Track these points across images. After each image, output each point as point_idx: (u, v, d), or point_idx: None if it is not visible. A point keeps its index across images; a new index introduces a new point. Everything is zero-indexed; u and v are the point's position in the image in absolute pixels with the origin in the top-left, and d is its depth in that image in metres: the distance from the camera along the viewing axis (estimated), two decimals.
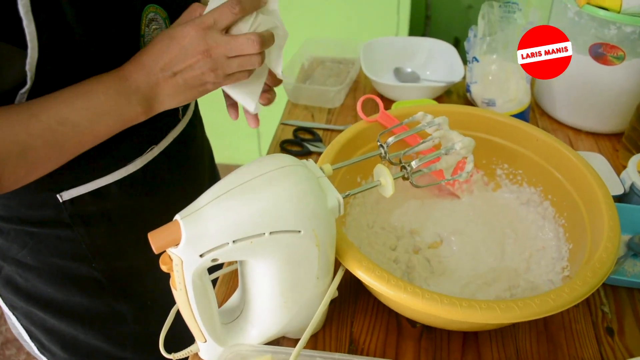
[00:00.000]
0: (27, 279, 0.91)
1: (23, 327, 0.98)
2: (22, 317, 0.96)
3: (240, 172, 0.63)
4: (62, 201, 0.82)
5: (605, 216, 0.77)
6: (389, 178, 0.67)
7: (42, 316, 0.95)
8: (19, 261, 0.89)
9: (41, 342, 0.99)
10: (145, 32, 0.77)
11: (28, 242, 0.86)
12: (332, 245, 0.68)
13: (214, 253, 0.60)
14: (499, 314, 0.64)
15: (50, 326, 0.96)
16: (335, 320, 0.83)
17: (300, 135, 1.23)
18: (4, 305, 0.96)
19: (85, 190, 0.83)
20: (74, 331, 0.97)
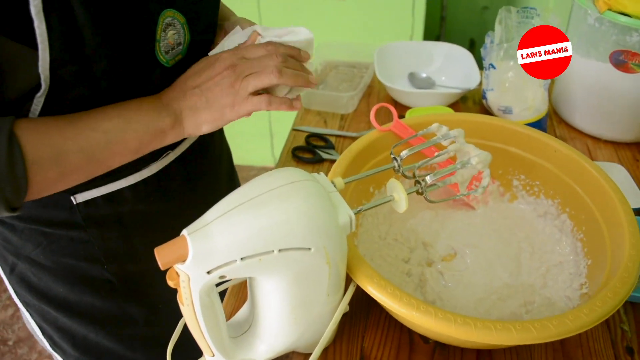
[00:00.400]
0: (40, 277, 0.91)
1: (36, 323, 0.98)
2: (35, 314, 0.96)
3: (249, 186, 0.61)
4: (76, 203, 0.82)
5: (627, 233, 0.74)
6: (403, 194, 0.66)
7: (54, 315, 0.95)
8: (32, 260, 0.89)
9: (53, 339, 0.99)
10: (160, 37, 0.76)
11: (42, 241, 0.86)
12: (343, 262, 0.66)
13: (222, 270, 0.59)
14: (515, 335, 0.62)
15: (62, 325, 0.96)
16: (346, 335, 0.82)
17: (313, 142, 1.21)
18: (19, 302, 0.96)
19: (99, 193, 0.83)
20: (85, 331, 0.96)
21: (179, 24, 0.78)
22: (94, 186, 0.82)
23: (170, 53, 0.78)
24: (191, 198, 0.97)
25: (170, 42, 0.77)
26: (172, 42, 0.77)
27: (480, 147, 0.93)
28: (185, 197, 0.96)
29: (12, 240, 0.88)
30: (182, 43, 0.79)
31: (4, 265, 0.92)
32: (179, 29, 0.78)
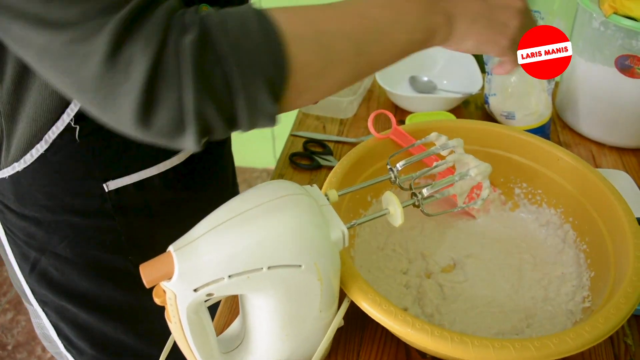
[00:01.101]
0: (63, 272, 0.90)
1: (52, 323, 0.97)
2: (53, 312, 0.95)
3: (238, 200, 0.59)
4: (108, 191, 0.82)
5: (631, 244, 0.72)
6: (398, 207, 0.63)
7: (73, 311, 0.94)
8: (57, 254, 0.88)
9: (69, 339, 0.98)
10: None
11: (69, 234, 0.86)
12: (336, 278, 0.64)
13: (209, 288, 0.57)
14: (514, 354, 0.60)
15: (81, 322, 0.95)
16: (342, 349, 0.79)
17: (311, 148, 1.19)
18: (35, 301, 0.95)
19: (131, 180, 0.83)
20: (104, 326, 0.96)
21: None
22: (126, 173, 0.82)
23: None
24: (211, 188, 0.99)
25: None
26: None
27: (481, 154, 0.92)
28: (207, 186, 0.97)
29: (37, 236, 0.86)
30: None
31: (23, 265, 0.91)
32: None
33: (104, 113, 0.54)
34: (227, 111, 0.54)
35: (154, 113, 0.52)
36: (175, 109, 0.52)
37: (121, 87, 0.51)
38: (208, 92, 0.52)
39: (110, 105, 0.52)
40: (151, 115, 0.52)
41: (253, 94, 0.54)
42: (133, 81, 0.50)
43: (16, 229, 0.86)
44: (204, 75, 0.51)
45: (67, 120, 0.72)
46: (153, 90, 0.51)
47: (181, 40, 0.51)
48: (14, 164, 0.77)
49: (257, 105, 0.54)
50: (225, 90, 0.53)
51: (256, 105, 0.54)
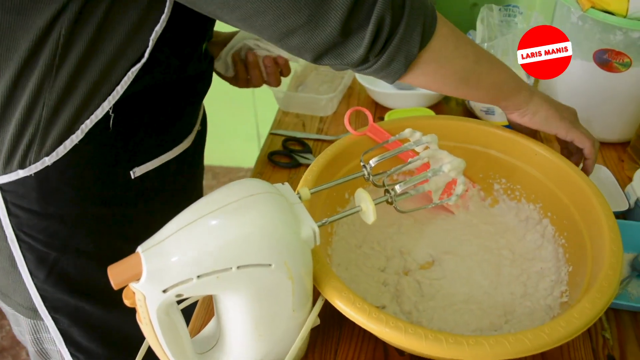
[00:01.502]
0: (84, 268, 0.90)
1: (61, 331, 0.95)
2: (65, 317, 0.94)
3: (207, 200, 0.59)
4: (134, 178, 0.86)
5: (607, 238, 0.72)
6: (370, 204, 0.63)
7: (89, 311, 0.94)
8: (79, 250, 0.88)
9: (78, 344, 0.97)
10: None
11: (92, 226, 0.87)
12: (308, 276, 0.63)
13: (178, 289, 0.56)
14: (488, 350, 0.60)
15: (95, 321, 0.95)
16: (319, 348, 0.79)
17: (290, 146, 1.18)
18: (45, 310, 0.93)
19: (153, 166, 0.87)
20: (120, 323, 0.96)
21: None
22: (149, 159, 0.86)
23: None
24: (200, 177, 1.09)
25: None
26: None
27: (459, 151, 0.92)
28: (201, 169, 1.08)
29: (60, 234, 0.86)
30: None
31: (38, 272, 0.89)
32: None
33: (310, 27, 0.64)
34: (393, 29, 0.66)
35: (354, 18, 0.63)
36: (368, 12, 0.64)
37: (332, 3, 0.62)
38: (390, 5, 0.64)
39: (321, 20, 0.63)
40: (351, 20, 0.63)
41: (412, 30, 0.67)
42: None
43: (35, 230, 0.84)
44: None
45: (107, 109, 0.75)
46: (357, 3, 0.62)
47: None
48: (45, 158, 0.76)
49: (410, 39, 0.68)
50: (399, 10, 0.65)
51: (410, 38, 0.67)
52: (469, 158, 0.90)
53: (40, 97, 0.70)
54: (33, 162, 0.76)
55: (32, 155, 0.76)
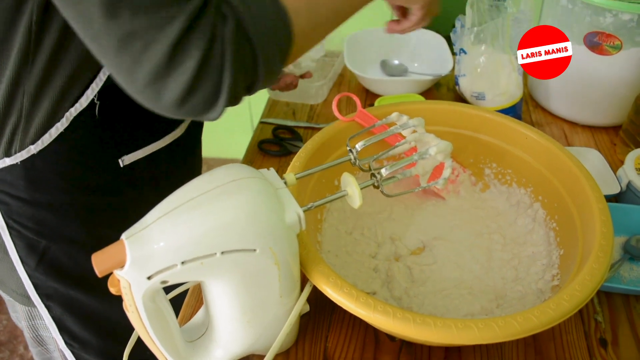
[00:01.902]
0: (75, 257, 0.89)
1: (54, 318, 0.95)
2: (58, 305, 0.94)
3: (191, 185, 0.58)
4: (123, 166, 0.85)
5: (598, 221, 0.71)
6: (356, 188, 0.62)
7: (81, 299, 0.93)
8: (69, 239, 0.87)
9: (72, 332, 0.97)
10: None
11: (82, 214, 0.86)
12: (295, 262, 0.63)
13: (162, 275, 0.55)
14: (477, 334, 0.59)
15: (88, 310, 0.95)
16: (309, 334, 0.78)
17: (280, 135, 1.17)
18: (37, 298, 0.93)
19: (143, 154, 0.86)
20: (112, 311, 0.95)
21: None
22: (139, 147, 0.85)
23: None
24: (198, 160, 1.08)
25: None
26: None
27: (449, 135, 0.91)
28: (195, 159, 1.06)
29: (49, 221, 0.85)
30: None
31: (29, 259, 0.88)
32: None
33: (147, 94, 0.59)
34: (251, 81, 0.63)
35: (195, 94, 0.59)
36: (214, 88, 0.59)
37: (174, 73, 0.56)
38: (241, 71, 0.60)
39: (159, 88, 0.57)
40: (192, 96, 0.59)
41: (271, 64, 0.63)
42: (186, 69, 0.56)
43: (25, 218, 0.84)
44: (239, 58, 0.59)
45: (91, 97, 0.74)
46: (200, 75, 0.57)
47: (224, 30, 0.58)
48: (30, 146, 0.75)
49: (272, 71, 0.64)
50: (252, 65, 0.61)
51: (272, 71, 0.64)
52: (459, 143, 0.90)
53: (19, 86, 0.69)
54: (18, 151, 0.76)
55: (17, 144, 0.75)
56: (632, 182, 0.94)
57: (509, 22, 1.10)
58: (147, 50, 0.54)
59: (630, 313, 0.81)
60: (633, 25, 1.02)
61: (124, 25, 0.53)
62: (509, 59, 1.12)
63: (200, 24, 0.56)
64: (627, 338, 0.78)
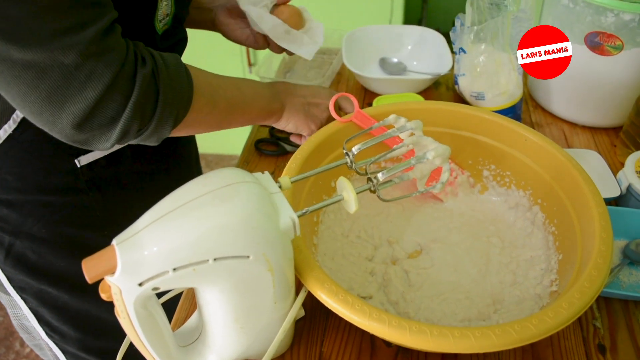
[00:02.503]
0: (40, 253, 0.89)
1: (31, 310, 0.95)
2: (32, 298, 0.94)
3: (183, 190, 0.57)
4: (80, 166, 0.84)
5: (597, 226, 0.70)
6: (352, 193, 0.61)
7: (54, 294, 0.93)
8: (32, 235, 0.87)
9: (50, 324, 0.97)
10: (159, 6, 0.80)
11: (43, 213, 0.86)
12: (289, 267, 0.62)
13: (154, 282, 0.54)
14: (474, 343, 0.58)
15: (62, 304, 0.94)
16: (305, 340, 0.77)
17: (277, 134, 1.16)
18: (12, 289, 0.93)
19: (101, 154, 0.85)
20: (87, 306, 0.95)
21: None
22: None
23: (162, 22, 0.83)
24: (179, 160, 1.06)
25: (163, 12, 0.82)
26: (165, 12, 0.81)
27: (448, 136, 0.90)
28: (173, 159, 1.02)
29: (10, 219, 0.85)
30: (169, 14, 0.83)
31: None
32: (169, 1, 0.82)
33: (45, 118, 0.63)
34: (142, 130, 0.68)
35: (92, 122, 0.63)
36: (110, 123, 0.64)
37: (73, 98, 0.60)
38: (139, 115, 0.66)
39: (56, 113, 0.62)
40: (89, 122, 0.63)
41: (164, 122, 0.70)
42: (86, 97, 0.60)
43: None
44: (141, 103, 0.65)
45: None
46: (101, 105, 0.62)
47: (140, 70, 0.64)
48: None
49: (162, 129, 0.71)
50: (149, 115, 0.67)
51: (161, 129, 0.70)
52: (458, 144, 0.89)
53: None
54: None
55: None
56: (633, 186, 0.93)
57: (509, 20, 1.09)
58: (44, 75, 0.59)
59: (630, 319, 0.80)
60: (634, 26, 1.01)
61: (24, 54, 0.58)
62: (509, 58, 1.11)
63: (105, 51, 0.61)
64: (626, 344, 0.77)
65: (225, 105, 0.82)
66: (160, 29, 0.83)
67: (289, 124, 0.98)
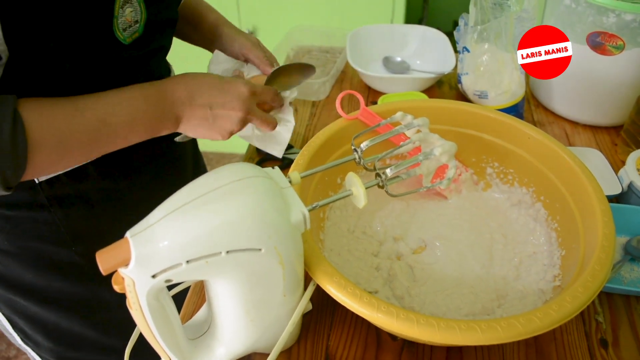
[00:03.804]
0: (7, 265, 0.88)
1: (5, 316, 0.95)
2: (4, 305, 0.94)
3: (196, 184, 0.58)
4: (39, 182, 0.80)
5: (600, 222, 0.71)
6: (361, 188, 0.62)
7: (23, 304, 0.92)
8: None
9: (25, 331, 0.97)
10: (118, 14, 0.73)
11: (4, 226, 0.84)
12: (299, 261, 0.63)
13: (167, 274, 0.55)
14: (480, 335, 0.59)
15: (32, 314, 0.93)
16: (311, 333, 0.78)
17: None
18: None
19: (63, 170, 0.81)
20: (57, 318, 0.94)
21: (136, 2, 0.76)
22: None
23: (128, 30, 0.76)
24: (157, 177, 0.97)
25: (127, 20, 0.76)
26: (129, 19, 0.76)
27: (452, 134, 0.91)
28: (151, 175, 0.96)
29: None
30: (139, 21, 0.78)
31: None
32: (135, 6, 0.77)
33: None
34: None
35: None
36: None
37: None
38: None
39: None
40: None
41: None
42: None
43: None
44: None
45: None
46: None
47: None
48: None
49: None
50: None
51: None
52: (461, 142, 0.90)
53: None
54: None
55: None
56: (634, 183, 0.94)
57: (512, 20, 1.10)
58: None
59: (631, 314, 0.82)
60: (636, 26, 1.02)
61: None
62: (512, 57, 1.12)
63: None
64: (628, 339, 0.78)
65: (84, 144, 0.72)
66: (127, 38, 0.77)
67: (192, 134, 0.85)
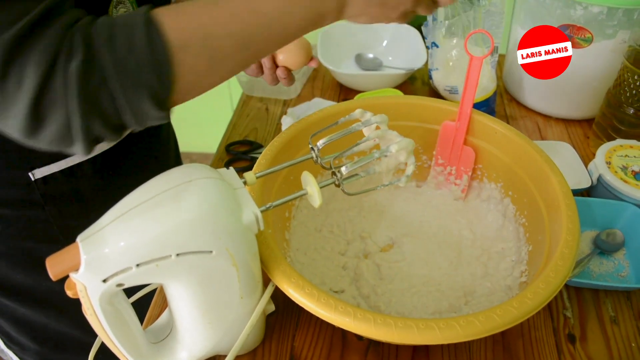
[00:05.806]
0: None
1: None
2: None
3: (147, 187, 0.57)
4: (34, 179, 0.80)
5: (564, 217, 0.71)
6: (315, 187, 0.61)
7: (11, 305, 0.92)
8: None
9: (9, 335, 0.96)
10: (112, 14, 0.72)
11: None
12: (255, 262, 0.62)
13: (118, 278, 0.54)
14: (438, 334, 0.58)
15: (20, 316, 0.93)
16: (276, 334, 0.78)
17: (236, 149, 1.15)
18: None
19: (58, 168, 0.81)
20: (45, 319, 0.94)
21: (128, 3, 0.76)
22: (53, 160, 0.80)
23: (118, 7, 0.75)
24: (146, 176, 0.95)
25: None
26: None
27: (419, 130, 0.91)
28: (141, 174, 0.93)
29: None
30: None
31: None
32: (128, 6, 0.76)
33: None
34: (115, 123, 0.57)
35: (42, 127, 0.54)
36: (63, 125, 0.54)
37: (12, 101, 0.51)
38: (95, 112, 0.54)
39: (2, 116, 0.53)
40: (39, 128, 0.54)
41: (138, 107, 0.56)
42: (22, 100, 0.51)
43: None
44: (89, 98, 0.53)
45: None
46: (40, 108, 0.52)
47: (68, 66, 0.51)
48: None
49: (143, 115, 0.57)
50: (111, 107, 0.55)
51: (142, 115, 0.57)
52: (430, 138, 0.90)
53: None
54: None
55: None
56: (603, 176, 0.94)
57: (480, 14, 1.10)
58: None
59: (599, 308, 0.81)
60: (603, 18, 1.02)
61: None
62: (482, 51, 1.12)
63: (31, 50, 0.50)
64: (595, 333, 0.78)
65: (235, 43, 0.61)
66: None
67: (359, 18, 0.72)
